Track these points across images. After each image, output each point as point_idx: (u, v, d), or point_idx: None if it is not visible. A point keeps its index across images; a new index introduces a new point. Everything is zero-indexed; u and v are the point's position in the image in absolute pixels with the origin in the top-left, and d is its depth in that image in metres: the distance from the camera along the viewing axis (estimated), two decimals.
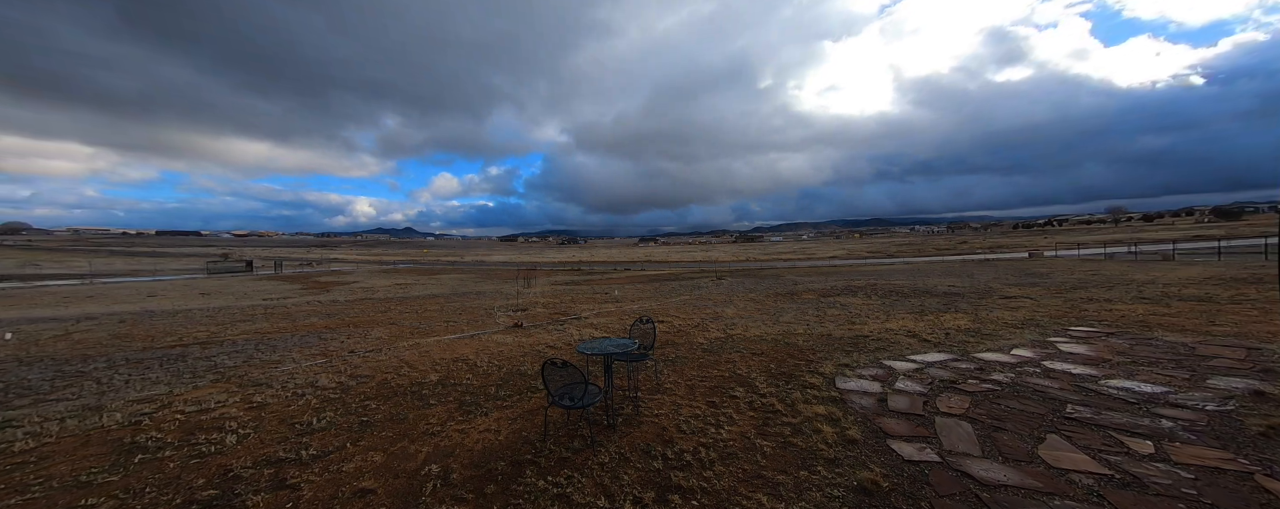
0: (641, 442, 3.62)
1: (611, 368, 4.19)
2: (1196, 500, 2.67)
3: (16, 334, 9.85)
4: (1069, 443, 3.37)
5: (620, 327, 8.95)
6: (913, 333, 7.09)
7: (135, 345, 8.47)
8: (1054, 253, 35.41)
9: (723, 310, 10.46)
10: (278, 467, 3.43)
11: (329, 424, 4.22)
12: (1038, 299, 10.34)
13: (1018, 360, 5.43)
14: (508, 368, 5.97)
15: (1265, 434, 3.38)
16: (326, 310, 13.81)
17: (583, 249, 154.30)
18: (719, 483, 3.00)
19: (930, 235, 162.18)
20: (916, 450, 3.33)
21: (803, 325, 8.15)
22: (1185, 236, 51.79)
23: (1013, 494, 2.79)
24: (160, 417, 4.53)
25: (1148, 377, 4.70)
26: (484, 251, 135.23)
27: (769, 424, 3.86)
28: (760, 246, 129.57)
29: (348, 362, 6.65)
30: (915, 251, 60.97)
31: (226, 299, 19.15)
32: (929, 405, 4.14)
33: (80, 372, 6.53)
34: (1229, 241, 31.33)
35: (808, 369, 5.36)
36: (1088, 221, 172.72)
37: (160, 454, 3.69)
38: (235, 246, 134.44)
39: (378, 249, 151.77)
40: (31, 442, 3.98)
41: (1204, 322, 7.09)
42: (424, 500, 2.92)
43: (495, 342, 7.79)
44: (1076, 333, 6.76)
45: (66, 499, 3.05)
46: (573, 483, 3.05)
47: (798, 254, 68.87)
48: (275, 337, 9.06)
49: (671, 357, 6.19)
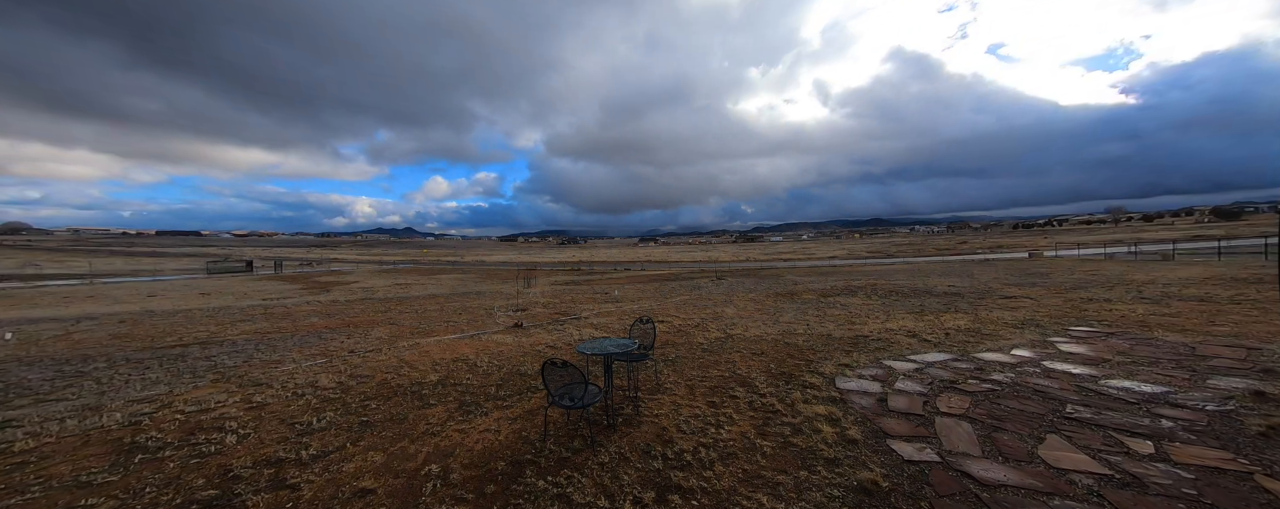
0: (641, 442, 3.62)
1: (611, 368, 4.19)
2: (1196, 500, 2.67)
3: (16, 334, 9.85)
4: (1069, 443, 3.37)
5: (620, 326, 8.95)
6: (913, 333, 7.09)
7: (135, 345, 8.47)
8: (1054, 253, 35.40)
9: (723, 310, 10.46)
10: (278, 467, 3.43)
11: (329, 424, 4.22)
12: (1038, 299, 10.34)
13: (1018, 360, 5.43)
14: (508, 368, 5.97)
15: (1265, 434, 3.38)
16: (326, 310, 13.81)
17: (582, 249, 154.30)
18: (719, 483, 3.00)
19: (930, 235, 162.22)
20: (916, 450, 3.33)
21: (803, 325, 8.15)
22: (1185, 236, 51.79)
23: (1013, 494, 2.78)
24: (160, 417, 4.53)
25: (1148, 377, 4.70)
26: (484, 252, 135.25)
27: (769, 424, 3.86)
28: (760, 246, 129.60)
29: (348, 361, 6.65)
30: (915, 252, 60.97)
31: (226, 299, 19.15)
32: (929, 405, 4.14)
33: (80, 372, 6.53)
34: (1229, 241, 31.32)
35: (808, 369, 5.36)
36: (1088, 221, 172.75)
37: (160, 454, 3.69)
38: (235, 246, 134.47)
39: (377, 249, 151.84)
40: (31, 442, 3.98)
41: (1204, 322, 7.09)
42: (424, 500, 2.92)
43: (495, 342, 7.79)
44: (1076, 333, 6.76)
45: (66, 499, 3.05)
46: (573, 483, 3.05)
47: (797, 254, 68.85)
48: (275, 336, 9.06)
49: (671, 356, 6.19)
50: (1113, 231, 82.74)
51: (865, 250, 72.12)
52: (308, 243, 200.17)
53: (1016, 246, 54.91)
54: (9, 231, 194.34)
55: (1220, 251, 23.33)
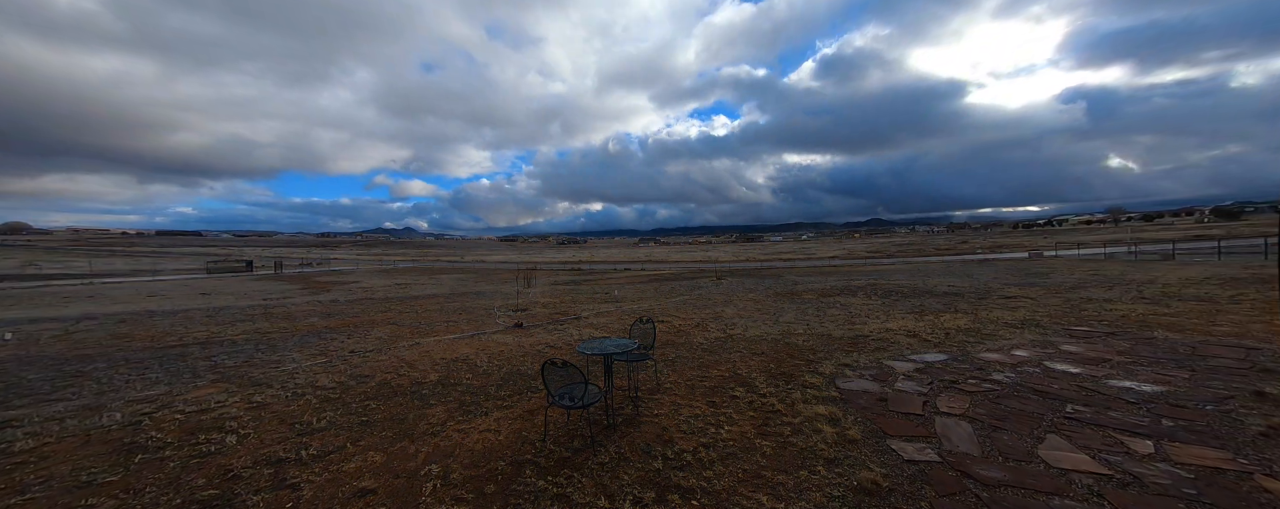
0: (641, 442, 3.62)
1: (611, 368, 4.20)
2: (1196, 500, 2.67)
3: (16, 334, 9.85)
4: (1069, 443, 3.37)
5: (620, 326, 8.95)
6: (913, 333, 7.09)
7: (135, 345, 8.46)
8: (1054, 253, 35.40)
9: (723, 310, 10.46)
10: (278, 466, 3.42)
11: (329, 424, 4.22)
12: (1038, 299, 10.34)
13: (1017, 360, 5.43)
14: (508, 368, 5.97)
15: (1265, 434, 3.38)
16: (326, 310, 13.80)
17: (583, 249, 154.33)
18: (719, 483, 3.00)
19: (930, 235, 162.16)
20: (916, 450, 3.33)
21: (803, 325, 8.15)
22: (1185, 236, 51.77)
23: (1013, 494, 2.79)
24: (160, 417, 4.53)
25: (1148, 377, 4.70)
26: (484, 252, 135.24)
27: (769, 424, 3.86)
28: (760, 246, 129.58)
29: (348, 361, 6.65)
30: (915, 251, 60.96)
31: (226, 299, 19.15)
32: (929, 405, 4.14)
33: (80, 372, 6.53)
34: (1229, 241, 31.32)
35: (808, 369, 5.36)
36: (1088, 221, 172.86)
37: (160, 454, 3.69)
38: (235, 246, 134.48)
39: (377, 249, 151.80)
40: (31, 442, 3.98)
41: (1204, 322, 7.09)
42: (424, 500, 2.92)
43: (495, 342, 7.79)
44: (1076, 332, 6.76)
45: (67, 499, 3.05)
46: (573, 483, 3.05)
47: (797, 254, 68.83)
48: (275, 336, 9.06)
49: (671, 357, 6.19)
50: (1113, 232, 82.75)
51: (865, 250, 72.10)
52: (307, 243, 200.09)
53: (1016, 247, 54.91)
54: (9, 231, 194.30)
55: (1220, 251, 23.32)
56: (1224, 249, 24.41)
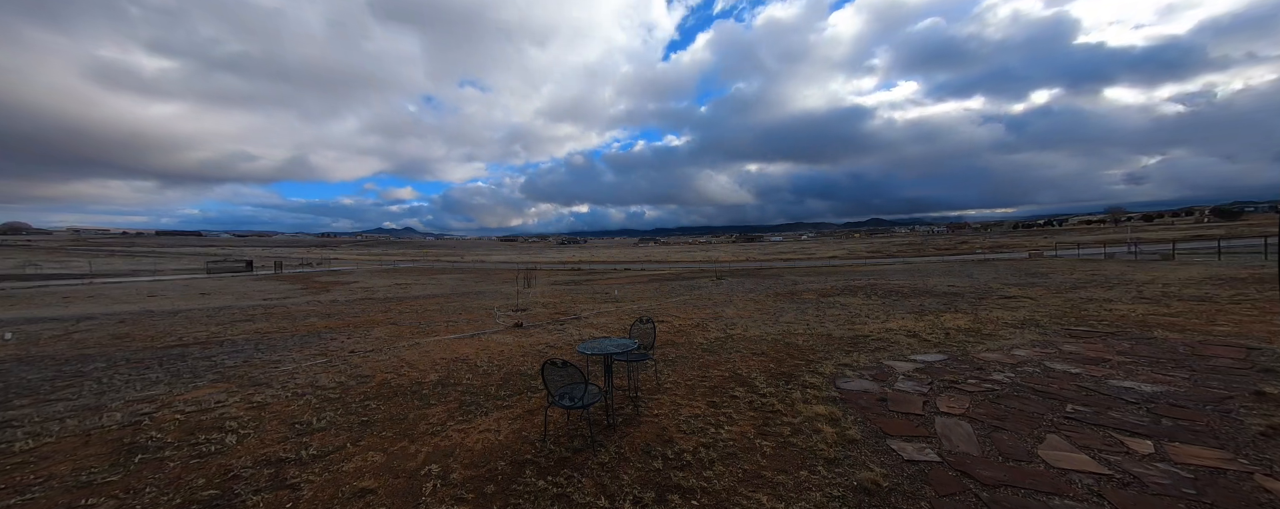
0: (641, 442, 3.62)
1: (611, 368, 4.20)
2: (1196, 500, 2.67)
3: (16, 334, 9.84)
4: (1069, 443, 3.37)
5: (620, 326, 8.95)
6: (913, 333, 7.09)
7: (135, 345, 8.46)
8: (1054, 253, 35.40)
9: (723, 310, 10.46)
10: (278, 466, 3.42)
11: (329, 424, 4.22)
12: (1038, 299, 10.34)
13: (1017, 360, 5.43)
14: (508, 368, 5.97)
15: (1265, 434, 3.38)
16: (326, 310, 13.80)
17: (583, 249, 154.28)
18: (719, 483, 3.00)
19: (931, 235, 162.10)
20: (916, 450, 3.33)
21: (803, 325, 8.15)
22: (1185, 236, 51.77)
23: (1013, 494, 2.79)
24: (160, 417, 4.53)
25: (1148, 377, 4.70)
26: (484, 252, 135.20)
27: (769, 424, 3.86)
28: (760, 246, 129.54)
29: (348, 361, 6.65)
30: (915, 252, 60.95)
31: (226, 299, 19.15)
32: (929, 405, 4.14)
33: (80, 372, 6.52)
34: (1229, 241, 31.32)
35: (808, 369, 5.36)
36: (1088, 221, 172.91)
37: (160, 454, 3.68)
38: (235, 246, 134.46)
39: (377, 249, 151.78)
40: (31, 442, 3.98)
41: (1204, 322, 7.09)
42: (424, 500, 2.92)
43: (495, 341, 7.79)
44: (1076, 332, 6.76)
45: (67, 499, 3.05)
46: (573, 483, 3.05)
47: (797, 254, 68.81)
48: (275, 336, 9.06)
49: (671, 356, 6.19)
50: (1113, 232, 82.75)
51: (865, 250, 72.09)
52: (307, 243, 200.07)
53: (1016, 247, 54.91)
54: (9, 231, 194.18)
55: (1220, 251, 23.32)
56: (1224, 249, 24.41)
